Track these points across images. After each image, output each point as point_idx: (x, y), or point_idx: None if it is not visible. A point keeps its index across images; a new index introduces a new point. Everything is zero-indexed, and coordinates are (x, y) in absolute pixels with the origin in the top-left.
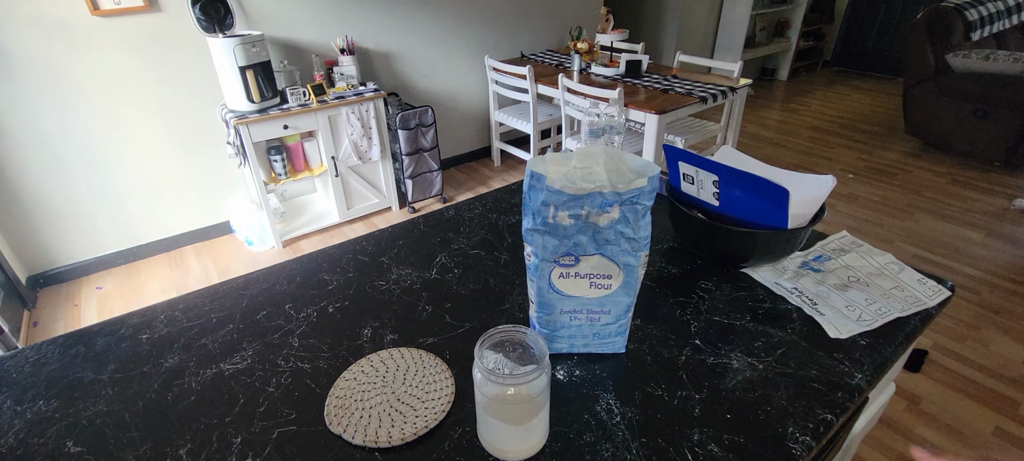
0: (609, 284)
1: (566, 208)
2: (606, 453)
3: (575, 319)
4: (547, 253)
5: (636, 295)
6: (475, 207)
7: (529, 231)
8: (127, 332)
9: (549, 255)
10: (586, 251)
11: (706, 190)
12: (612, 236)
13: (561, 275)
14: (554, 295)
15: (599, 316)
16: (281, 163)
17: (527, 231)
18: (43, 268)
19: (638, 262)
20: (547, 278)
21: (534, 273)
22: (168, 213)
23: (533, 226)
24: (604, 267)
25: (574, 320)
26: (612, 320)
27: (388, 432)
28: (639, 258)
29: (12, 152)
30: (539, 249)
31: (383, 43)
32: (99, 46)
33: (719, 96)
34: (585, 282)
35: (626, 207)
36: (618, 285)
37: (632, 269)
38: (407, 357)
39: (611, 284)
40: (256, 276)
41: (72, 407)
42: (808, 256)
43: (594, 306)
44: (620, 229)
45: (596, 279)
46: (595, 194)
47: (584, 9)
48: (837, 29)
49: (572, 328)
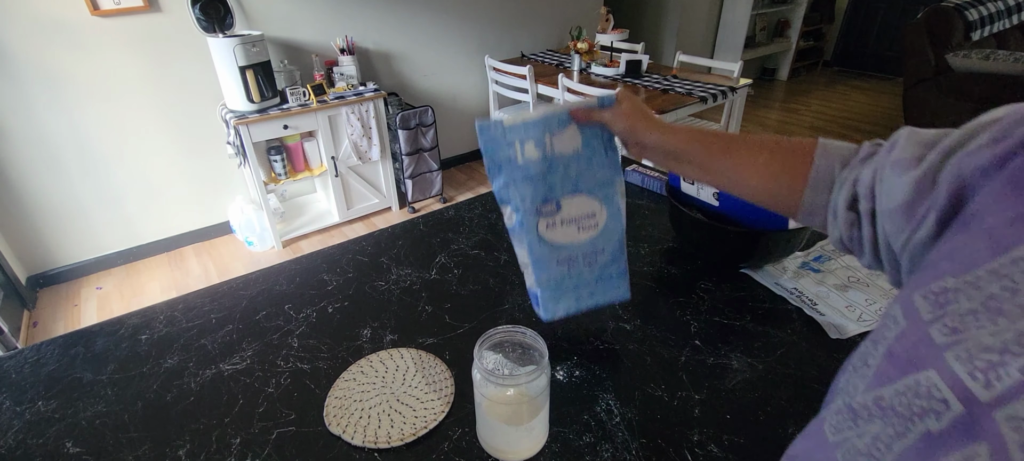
0: (595, 222)
1: (531, 137)
2: (606, 454)
3: (573, 267)
4: (527, 203)
5: (624, 225)
6: (475, 207)
7: (503, 187)
8: (127, 332)
9: (530, 205)
10: (564, 192)
11: (706, 190)
12: (584, 168)
13: (548, 226)
14: (545, 248)
15: (596, 257)
16: (281, 163)
17: (501, 189)
18: (43, 268)
19: (615, 190)
20: (534, 232)
21: (520, 230)
22: (168, 213)
23: (507, 180)
24: (586, 206)
25: (573, 269)
26: (610, 259)
27: (388, 433)
28: (615, 186)
29: (12, 152)
30: (518, 202)
31: (383, 43)
32: (99, 46)
33: (719, 96)
34: (572, 227)
35: (587, 133)
36: (604, 220)
37: (612, 199)
38: (406, 357)
39: (598, 222)
40: (256, 276)
41: (71, 407)
42: (808, 256)
43: (588, 248)
44: (589, 157)
45: (582, 221)
46: (546, 117)
47: (584, 9)
48: (837, 29)
49: (573, 279)
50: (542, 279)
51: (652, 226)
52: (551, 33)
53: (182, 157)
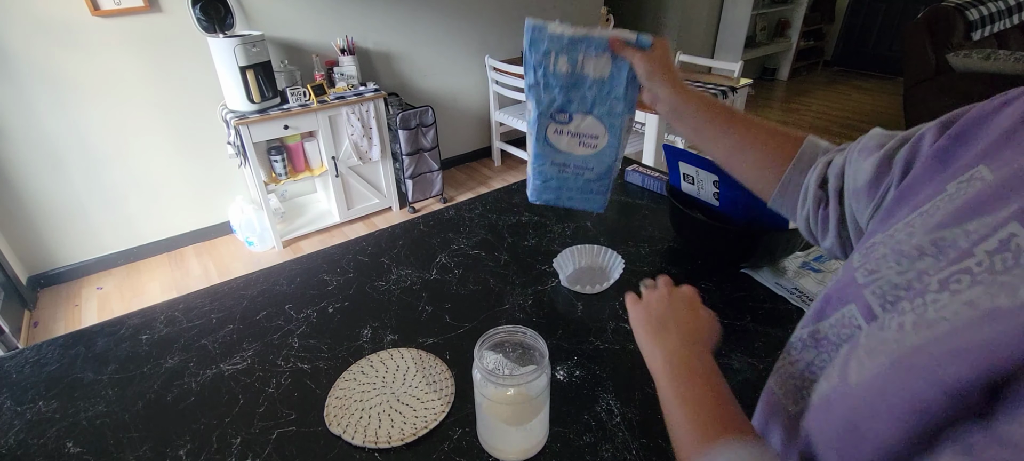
0: (595, 143)
1: (566, 52)
2: (606, 454)
3: (564, 172)
4: (543, 107)
5: (617, 158)
6: (475, 207)
7: (531, 87)
8: (127, 332)
9: (545, 110)
10: (579, 109)
11: (706, 190)
12: (603, 94)
13: (555, 131)
14: (548, 148)
15: (584, 172)
16: (281, 163)
17: (529, 87)
18: (44, 268)
19: (622, 123)
20: (543, 132)
21: (532, 126)
22: (168, 213)
23: (534, 81)
24: (593, 127)
25: (563, 173)
26: (595, 177)
27: (388, 432)
28: (623, 120)
29: (13, 153)
30: (537, 103)
31: (383, 43)
32: (100, 47)
33: (719, 96)
34: (575, 140)
35: (616, 63)
36: (604, 144)
37: (616, 129)
38: (407, 357)
39: (598, 144)
40: (256, 276)
41: (72, 407)
42: (808, 256)
43: (581, 162)
44: (610, 86)
45: (585, 138)
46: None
47: (584, 9)
48: (838, 29)
49: (561, 180)
50: (536, 169)
51: (652, 226)
52: None
53: (182, 157)
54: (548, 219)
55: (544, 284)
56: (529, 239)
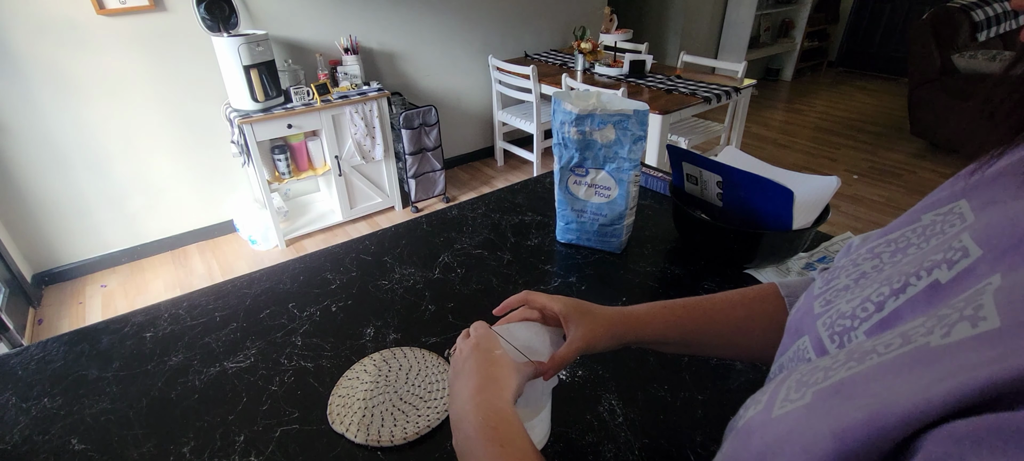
0: (609, 194)
1: (574, 125)
2: (608, 454)
3: (582, 217)
4: (564, 162)
5: (628, 208)
6: (478, 207)
7: (556, 145)
8: (131, 330)
9: (566, 164)
10: (594, 165)
11: (710, 191)
12: (611, 155)
13: (574, 182)
14: (569, 196)
15: (599, 218)
16: (285, 162)
17: (554, 145)
18: (48, 266)
19: (629, 177)
20: (565, 182)
21: (557, 176)
22: (172, 212)
23: (557, 140)
24: (606, 181)
25: (582, 217)
26: (609, 222)
27: (391, 431)
28: (630, 175)
29: (18, 151)
30: (560, 158)
31: (387, 43)
32: (104, 45)
33: (723, 96)
34: (591, 190)
35: (620, 129)
36: (615, 195)
37: (624, 182)
38: (410, 356)
39: (610, 194)
40: (259, 275)
41: (76, 404)
42: (812, 257)
43: (596, 209)
44: (617, 149)
45: (599, 189)
46: (593, 114)
47: (588, 9)
48: (842, 29)
49: (581, 224)
50: (560, 212)
51: (655, 226)
52: (555, 33)
53: (186, 156)
54: (551, 219)
55: (547, 284)
56: (532, 239)
